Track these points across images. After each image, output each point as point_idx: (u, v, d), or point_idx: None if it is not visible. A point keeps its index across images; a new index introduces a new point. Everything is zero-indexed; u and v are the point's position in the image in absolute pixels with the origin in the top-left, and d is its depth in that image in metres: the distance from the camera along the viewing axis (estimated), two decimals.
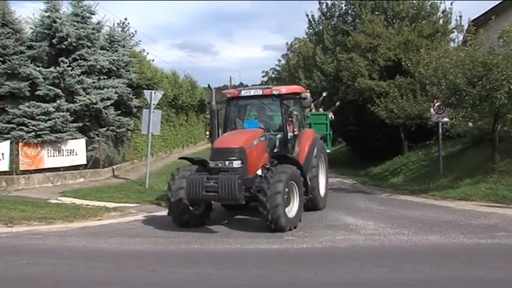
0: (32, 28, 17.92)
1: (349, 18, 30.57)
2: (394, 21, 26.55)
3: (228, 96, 11.92)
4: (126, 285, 6.31)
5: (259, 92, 11.53)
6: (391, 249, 8.14)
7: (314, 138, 12.24)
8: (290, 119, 11.54)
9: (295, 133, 11.78)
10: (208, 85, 13.16)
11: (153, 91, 17.90)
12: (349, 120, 28.40)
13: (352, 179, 23.02)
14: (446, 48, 18.87)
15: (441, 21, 26.37)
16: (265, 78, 63.42)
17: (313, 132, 12.78)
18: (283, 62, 57.23)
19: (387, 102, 22.73)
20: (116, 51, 19.56)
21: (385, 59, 24.60)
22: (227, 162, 9.52)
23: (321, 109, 18.17)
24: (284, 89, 11.60)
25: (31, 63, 16.70)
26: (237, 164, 9.51)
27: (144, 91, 18.63)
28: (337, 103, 19.74)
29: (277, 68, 59.29)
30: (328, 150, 15.18)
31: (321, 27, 32.68)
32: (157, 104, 18.33)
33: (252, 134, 10.41)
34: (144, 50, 27.69)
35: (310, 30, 35.55)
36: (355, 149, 34.83)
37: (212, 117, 11.33)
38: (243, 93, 11.65)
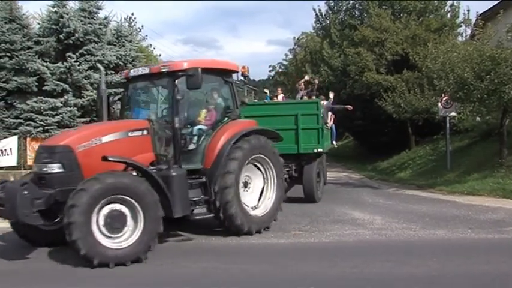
0: (39, 23, 18.04)
1: (356, 13, 30.38)
2: (402, 15, 26.34)
3: (121, 78, 9.54)
4: (134, 279, 6.36)
5: (147, 71, 8.69)
6: (398, 243, 8.15)
7: (234, 135, 8.56)
8: (208, 106, 8.91)
9: (208, 125, 8.78)
10: (97, 64, 10.72)
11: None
12: (356, 115, 28.22)
13: (359, 174, 22.96)
14: (454, 42, 18.77)
15: (449, 15, 26.14)
16: (273, 73, 63.37)
17: (243, 124, 9.04)
18: (290, 56, 57.05)
19: (394, 96, 22.61)
20: (123, 46, 19.59)
21: (393, 53, 24.46)
22: (43, 166, 7.11)
23: (313, 97, 15.29)
24: (186, 64, 8.21)
25: (38, 58, 16.82)
26: (54, 168, 7.00)
27: None
28: (349, 107, 17.35)
29: (285, 62, 59.13)
30: (320, 149, 12.49)
31: (328, 22, 32.51)
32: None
33: (104, 128, 7.83)
34: (151, 45, 27.84)
35: (317, 25, 35.37)
36: (362, 144, 34.74)
37: (99, 105, 8.82)
38: (132, 73, 8.98)
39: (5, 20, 16.87)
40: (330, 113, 15.84)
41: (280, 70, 59.69)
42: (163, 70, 8.25)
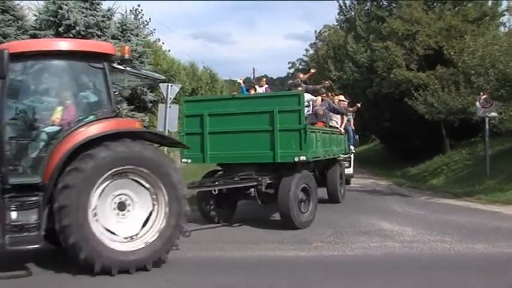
0: (35, 15, 18.14)
1: (384, 3, 30.24)
2: (435, 4, 26.10)
3: None
4: None
5: None
6: (432, 258, 8.05)
7: (75, 144, 6.92)
8: (64, 101, 7.47)
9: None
10: None
11: (170, 84, 17.97)
12: (383, 116, 28.10)
13: (388, 180, 22.84)
14: (495, 33, 18.59)
15: (490, 3, 25.80)
16: (292, 70, 63.41)
17: (109, 125, 7.32)
18: (311, 52, 57.02)
19: (426, 95, 22.44)
20: (129, 40, 19.72)
21: (425, 48, 24.25)
22: None
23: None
24: (27, 45, 7.44)
25: None
26: None
27: (160, 84, 18.74)
28: (359, 104, 17.00)
29: (305, 58, 59.17)
30: (302, 157, 10.40)
31: (352, 13, 32.43)
32: (174, 98, 18.45)
33: None
34: (159, 39, 27.87)
35: (341, 17, 35.31)
36: (390, 147, 34.54)
37: None
38: None
39: None
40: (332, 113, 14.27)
41: (300, 67, 59.68)
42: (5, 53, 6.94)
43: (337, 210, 12.78)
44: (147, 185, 7.35)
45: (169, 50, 29.47)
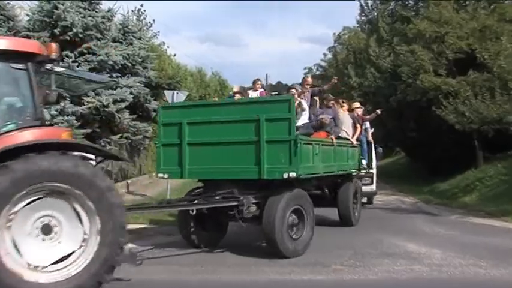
0: (28, 15, 18.25)
1: (410, 2, 30.31)
2: (467, 3, 26.07)
3: None
4: None
5: None
6: (464, 284, 7.97)
7: None
8: None
9: None
10: None
11: (175, 91, 18.06)
12: (409, 126, 27.97)
13: (414, 197, 22.76)
14: None
15: None
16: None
17: (32, 135, 6.80)
18: (329, 56, 57.12)
19: (457, 103, 22.30)
20: (131, 44, 19.83)
21: (455, 51, 24.13)
22: None
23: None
24: None
25: None
26: None
27: (165, 91, 18.84)
28: (379, 111, 16.40)
29: (323, 63, 59.23)
30: (292, 173, 9.65)
31: (375, 14, 32.53)
32: None
33: None
34: (164, 42, 28.02)
35: (362, 18, 35.42)
36: (416, 161, 34.49)
37: None
38: None
39: None
40: (349, 122, 13.87)
41: (317, 72, 59.73)
42: None
43: (357, 229, 12.67)
44: (78, 207, 6.67)
45: (174, 55, 29.66)
